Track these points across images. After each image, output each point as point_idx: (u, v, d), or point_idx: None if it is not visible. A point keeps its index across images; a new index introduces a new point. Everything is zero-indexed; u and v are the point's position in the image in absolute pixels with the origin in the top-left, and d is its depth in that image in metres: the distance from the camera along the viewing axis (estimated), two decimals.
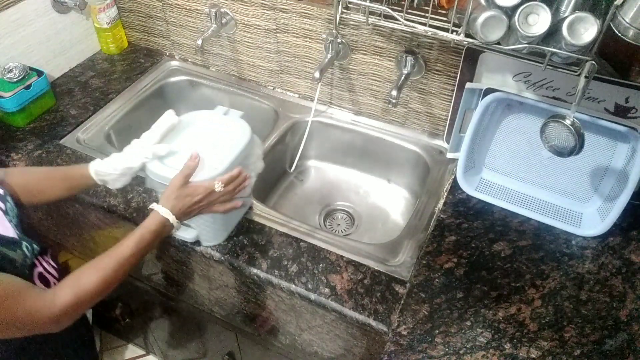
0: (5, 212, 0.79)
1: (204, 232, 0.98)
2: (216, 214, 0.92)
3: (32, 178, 0.91)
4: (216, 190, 0.85)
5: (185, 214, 0.86)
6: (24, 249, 0.77)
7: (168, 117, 0.92)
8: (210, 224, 0.96)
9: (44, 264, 0.86)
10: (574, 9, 0.76)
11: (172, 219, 0.83)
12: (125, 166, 0.88)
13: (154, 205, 0.84)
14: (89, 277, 0.76)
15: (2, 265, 0.71)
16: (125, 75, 1.44)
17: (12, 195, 0.87)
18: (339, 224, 1.32)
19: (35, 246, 0.83)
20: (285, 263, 0.98)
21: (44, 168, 0.98)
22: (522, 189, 1.11)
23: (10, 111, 1.22)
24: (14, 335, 0.73)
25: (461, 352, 0.83)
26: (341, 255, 0.99)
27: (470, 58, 1.06)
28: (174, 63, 1.50)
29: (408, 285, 0.93)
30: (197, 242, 1.00)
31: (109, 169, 0.88)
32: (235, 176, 0.86)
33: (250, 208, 1.08)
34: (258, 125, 1.14)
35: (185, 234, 0.98)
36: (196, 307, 1.27)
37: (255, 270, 0.97)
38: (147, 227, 0.83)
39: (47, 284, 0.83)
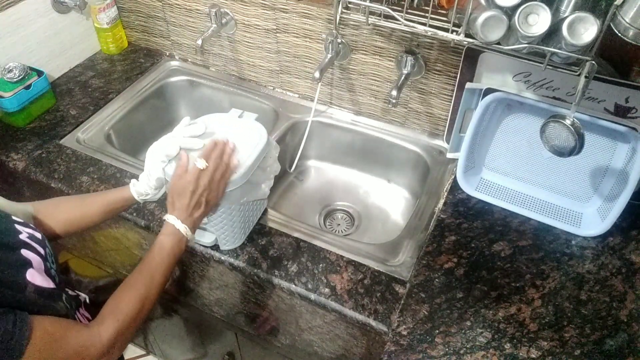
0: (45, 259, 0.73)
1: (222, 236, 0.97)
2: (234, 218, 0.92)
3: (67, 208, 0.89)
4: (200, 167, 0.81)
5: (195, 208, 0.82)
6: (64, 300, 0.73)
7: (192, 129, 0.89)
8: (228, 227, 0.95)
9: (81, 318, 0.84)
10: (574, 9, 0.76)
11: (179, 225, 0.81)
12: (156, 178, 0.87)
13: (164, 216, 0.84)
14: (126, 299, 0.74)
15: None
16: (125, 75, 1.44)
17: (47, 230, 0.85)
18: (339, 224, 1.32)
19: (70, 299, 0.79)
20: (285, 263, 0.98)
21: (76, 196, 0.94)
22: (522, 189, 1.11)
23: (10, 111, 1.22)
24: None
25: (461, 352, 0.83)
26: (341, 255, 0.99)
27: (470, 58, 1.06)
28: (174, 63, 1.50)
29: (408, 285, 0.93)
30: (216, 246, 1.00)
31: (147, 188, 0.88)
32: (211, 148, 0.83)
33: (266, 210, 1.08)
34: None
35: (203, 238, 0.97)
36: (196, 307, 1.27)
37: (255, 270, 0.97)
38: (163, 233, 0.81)
39: None
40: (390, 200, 1.35)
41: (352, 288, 0.94)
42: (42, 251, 0.74)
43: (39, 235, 0.76)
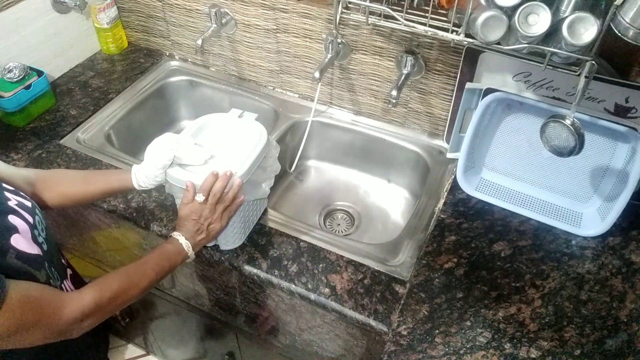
0: (34, 226, 0.75)
1: (222, 236, 0.97)
2: (234, 218, 0.93)
3: (68, 184, 0.91)
4: (198, 200, 0.86)
5: (197, 233, 0.88)
6: (47, 268, 0.74)
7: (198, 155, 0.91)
8: (229, 227, 0.95)
9: (67, 290, 0.85)
10: (574, 9, 0.76)
11: (182, 240, 0.87)
12: (159, 180, 0.90)
13: (173, 233, 0.89)
14: (112, 281, 0.77)
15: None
16: (125, 75, 1.44)
17: (43, 200, 0.87)
18: (339, 224, 1.32)
19: (53, 269, 0.79)
20: (285, 263, 0.98)
21: (78, 173, 0.97)
22: (522, 189, 1.11)
23: (10, 111, 1.22)
24: (37, 341, 0.69)
25: (461, 352, 0.83)
26: (341, 255, 0.99)
27: (470, 58, 1.06)
28: (174, 63, 1.50)
29: (408, 285, 0.93)
30: (216, 246, 1.00)
31: (147, 183, 0.90)
32: (210, 182, 0.85)
33: (266, 210, 1.08)
34: None
35: None
36: (196, 307, 1.27)
37: (255, 270, 0.97)
38: (167, 242, 0.87)
39: None
40: (390, 200, 1.35)
41: (352, 288, 0.94)
42: (30, 219, 0.75)
43: (28, 203, 0.77)
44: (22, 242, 0.70)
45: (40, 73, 1.27)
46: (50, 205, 0.90)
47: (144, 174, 0.89)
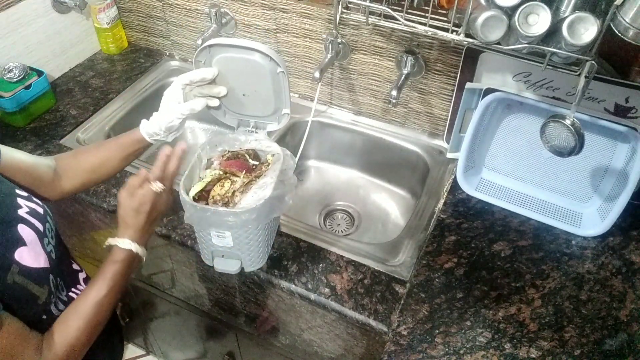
0: (44, 234, 0.73)
1: (247, 258, 0.92)
2: (259, 238, 0.89)
3: (85, 157, 0.90)
4: (155, 189, 0.79)
5: (151, 226, 0.82)
6: (50, 283, 0.72)
7: (203, 71, 0.88)
8: (254, 249, 0.90)
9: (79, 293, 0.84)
10: (574, 9, 0.76)
11: (134, 247, 0.79)
12: (168, 126, 0.88)
13: (111, 241, 0.80)
14: (74, 325, 0.73)
15: (22, 301, 0.67)
16: (125, 75, 1.44)
17: (69, 182, 0.86)
18: (339, 224, 1.32)
19: (60, 280, 0.78)
20: (285, 263, 0.98)
21: (92, 145, 0.94)
22: (522, 189, 1.11)
23: (10, 111, 1.22)
24: None
25: (461, 352, 0.83)
26: (341, 255, 0.99)
27: (470, 58, 1.06)
28: (174, 63, 1.50)
29: (408, 285, 0.94)
30: (241, 269, 0.94)
31: (156, 129, 0.88)
32: (164, 163, 0.81)
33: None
34: None
35: (228, 267, 0.91)
36: (196, 307, 1.27)
37: (255, 270, 0.97)
38: (114, 260, 0.79)
39: None
40: (390, 200, 1.35)
41: (352, 288, 0.94)
42: (40, 227, 0.73)
43: (40, 210, 0.76)
44: (27, 255, 0.68)
45: (40, 73, 1.27)
46: (73, 189, 0.87)
47: (157, 115, 0.88)
